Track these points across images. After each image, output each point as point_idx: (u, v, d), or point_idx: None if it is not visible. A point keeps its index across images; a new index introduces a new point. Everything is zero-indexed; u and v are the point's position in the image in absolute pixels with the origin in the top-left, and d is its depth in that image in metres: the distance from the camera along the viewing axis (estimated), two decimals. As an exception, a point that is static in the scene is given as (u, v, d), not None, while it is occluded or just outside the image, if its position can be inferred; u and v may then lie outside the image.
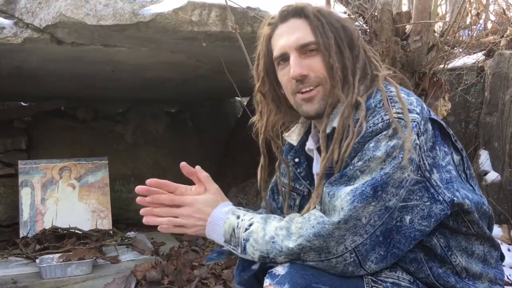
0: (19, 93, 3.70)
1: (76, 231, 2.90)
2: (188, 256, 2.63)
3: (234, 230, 1.07)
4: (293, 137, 1.28)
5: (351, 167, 0.99)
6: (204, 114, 4.45)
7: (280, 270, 0.98)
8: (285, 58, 1.13)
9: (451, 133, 1.12)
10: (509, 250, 2.53)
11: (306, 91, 1.10)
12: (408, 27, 2.39)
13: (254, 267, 1.08)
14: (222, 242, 1.09)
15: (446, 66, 2.72)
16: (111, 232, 3.06)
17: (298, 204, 1.25)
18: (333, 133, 1.06)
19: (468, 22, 3.82)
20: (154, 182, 1.14)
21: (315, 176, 1.21)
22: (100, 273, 2.33)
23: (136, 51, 2.48)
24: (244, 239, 1.04)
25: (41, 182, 3.13)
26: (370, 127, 0.99)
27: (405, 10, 3.23)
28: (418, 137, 0.99)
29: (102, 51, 2.43)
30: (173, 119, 4.28)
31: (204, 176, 1.17)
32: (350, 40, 1.12)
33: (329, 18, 1.12)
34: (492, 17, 4.21)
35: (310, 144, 1.22)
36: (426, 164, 1.02)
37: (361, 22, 2.40)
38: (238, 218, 1.08)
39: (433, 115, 1.09)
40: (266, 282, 0.99)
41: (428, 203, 1.01)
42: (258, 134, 1.26)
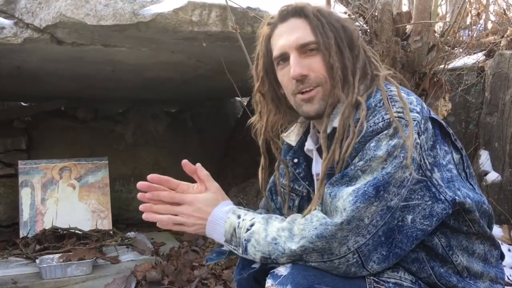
0: (19, 93, 3.70)
1: (76, 231, 2.90)
2: (188, 256, 2.63)
3: (235, 230, 1.06)
4: (291, 137, 1.27)
5: (352, 167, 0.99)
6: (204, 114, 4.45)
7: (282, 270, 0.98)
8: (284, 58, 1.12)
9: (451, 132, 1.12)
10: (509, 250, 2.53)
11: (306, 91, 1.10)
12: (408, 27, 2.39)
13: (255, 266, 1.08)
14: (223, 241, 1.09)
15: (447, 66, 2.72)
16: (111, 232, 3.06)
17: (297, 205, 1.25)
18: (333, 133, 1.06)
19: (468, 22, 3.83)
20: (155, 178, 1.13)
21: (315, 176, 1.20)
22: (100, 273, 2.33)
23: (136, 51, 2.48)
24: (245, 240, 1.03)
25: (41, 182, 3.12)
26: (370, 127, 0.99)
27: (405, 10, 3.24)
28: (419, 136, 0.99)
29: (102, 51, 2.43)
30: (173, 119, 4.28)
31: (204, 174, 1.16)
32: (350, 40, 1.11)
33: (329, 18, 1.11)
34: (492, 17, 4.21)
35: (309, 144, 1.21)
36: (427, 163, 1.02)
37: (361, 22, 2.40)
38: (239, 217, 1.07)
39: (432, 114, 1.08)
40: (268, 282, 0.98)
41: (429, 203, 1.01)
42: (258, 134, 1.25)
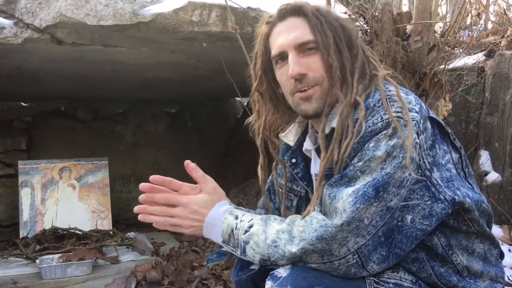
0: (19, 93, 3.69)
1: (76, 232, 2.90)
2: (188, 256, 2.63)
3: (233, 231, 1.05)
4: (290, 137, 1.26)
5: (351, 168, 0.98)
6: (204, 114, 4.44)
7: (282, 272, 0.97)
8: (283, 57, 1.11)
9: (450, 131, 1.11)
10: (509, 250, 2.53)
11: (304, 90, 1.09)
12: (408, 28, 2.39)
13: (254, 267, 1.07)
14: (220, 242, 1.08)
15: (447, 66, 2.72)
16: (111, 232, 3.06)
17: (295, 205, 1.24)
18: (332, 133, 1.05)
19: (468, 22, 3.83)
20: (158, 179, 1.12)
21: (313, 176, 1.20)
22: (100, 273, 2.33)
23: (136, 51, 2.48)
24: (244, 241, 1.03)
25: (41, 182, 3.12)
26: (369, 127, 0.98)
27: (405, 10, 3.24)
28: (418, 136, 0.99)
29: (102, 51, 2.43)
30: (173, 119, 4.28)
31: (199, 175, 1.14)
32: (349, 39, 1.11)
33: (327, 17, 1.11)
34: (492, 17, 4.21)
35: (307, 144, 1.21)
36: (426, 163, 1.01)
37: (361, 22, 2.40)
38: (236, 218, 1.06)
39: (431, 114, 1.08)
40: (268, 284, 0.98)
41: (429, 202, 1.00)
42: (255, 133, 1.24)
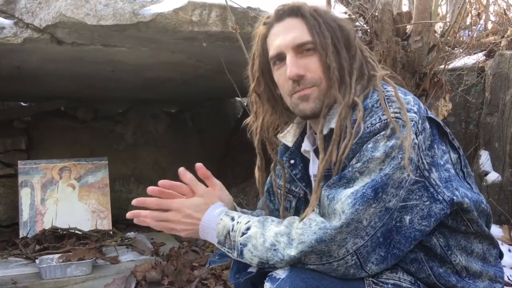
0: (19, 93, 3.69)
1: (76, 232, 2.89)
2: (188, 256, 2.63)
3: (229, 232, 1.04)
4: (288, 138, 1.25)
5: (350, 169, 0.98)
6: (204, 114, 4.44)
7: (280, 273, 0.97)
8: (281, 58, 1.11)
9: (448, 131, 1.11)
10: (509, 250, 2.53)
11: (301, 89, 1.08)
12: (408, 28, 2.39)
13: (251, 270, 1.07)
14: (216, 243, 1.07)
15: (447, 66, 2.72)
16: (111, 232, 3.06)
17: (294, 206, 1.24)
18: (330, 134, 1.05)
19: (468, 22, 3.83)
20: (167, 184, 1.12)
21: (312, 177, 1.19)
22: (100, 273, 2.33)
23: (136, 51, 2.48)
24: (241, 244, 1.02)
25: (41, 182, 3.12)
26: (367, 128, 0.98)
27: (405, 10, 3.24)
28: (417, 136, 0.98)
29: (102, 51, 2.43)
30: (173, 119, 4.28)
31: (188, 178, 1.13)
32: (347, 40, 1.10)
33: (325, 17, 1.10)
34: (492, 17, 4.21)
35: (306, 145, 1.20)
36: (425, 163, 1.01)
37: (361, 23, 2.40)
38: (232, 220, 1.06)
39: (430, 114, 1.08)
40: (267, 286, 0.98)
41: (427, 203, 1.00)
42: (253, 134, 1.23)
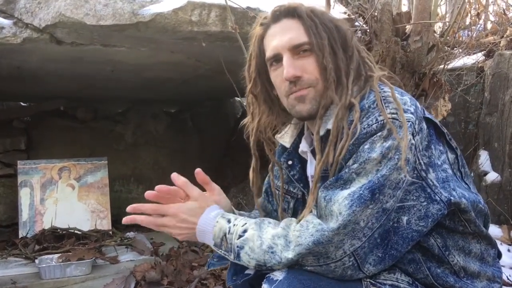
0: (19, 93, 3.69)
1: (75, 232, 2.90)
2: (187, 256, 2.63)
3: (225, 235, 1.04)
4: (285, 138, 1.25)
5: (347, 170, 0.98)
6: (204, 114, 4.45)
7: (278, 275, 0.97)
8: (278, 59, 1.10)
9: (445, 131, 1.11)
10: (509, 250, 2.53)
11: (297, 90, 1.08)
12: (408, 28, 2.39)
13: (249, 272, 1.07)
14: (212, 246, 1.07)
15: (446, 66, 2.72)
16: (111, 232, 3.06)
17: (292, 207, 1.24)
18: (327, 135, 1.04)
19: (468, 22, 3.83)
20: (164, 189, 1.11)
21: (309, 178, 1.19)
22: (99, 273, 2.33)
23: (135, 51, 2.48)
24: (238, 246, 1.01)
25: (40, 182, 3.12)
26: (364, 129, 0.98)
27: (405, 10, 3.24)
28: (413, 136, 0.98)
29: (102, 51, 2.43)
30: (173, 119, 4.28)
31: (181, 182, 1.13)
32: (344, 40, 1.10)
33: (322, 18, 1.10)
34: (491, 17, 4.21)
35: (303, 146, 1.20)
36: (422, 163, 1.01)
37: (361, 23, 2.40)
38: (229, 222, 1.05)
39: (427, 114, 1.07)
40: (264, 287, 0.98)
41: (425, 203, 1.00)
42: (249, 136, 1.23)
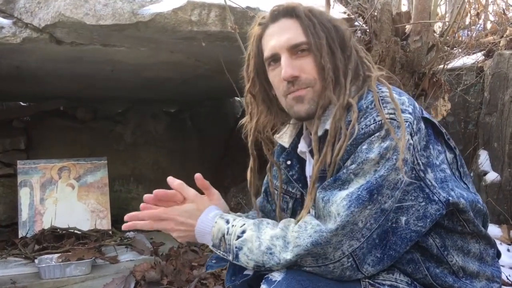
0: (19, 93, 3.69)
1: (75, 231, 2.90)
2: (187, 256, 2.63)
3: (224, 236, 1.04)
4: (284, 138, 1.25)
5: (345, 171, 0.98)
6: (203, 114, 4.44)
7: (276, 275, 0.97)
8: (276, 58, 1.10)
9: (444, 131, 1.11)
10: (508, 250, 2.53)
11: (295, 90, 1.08)
12: (407, 27, 2.39)
13: (248, 273, 1.07)
14: (211, 246, 1.07)
15: (446, 66, 2.72)
16: (110, 232, 3.06)
17: (291, 207, 1.23)
18: (325, 135, 1.04)
19: (467, 22, 3.83)
20: (162, 193, 1.12)
21: (308, 178, 1.19)
22: (99, 273, 2.33)
23: (135, 51, 2.48)
24: (236, 247, 1.02)
25: (40, 182, 3.12)
26: (362, 129, 0.98)
27: (404, 10, 3.24)
28: (412, 137, 0.98)
29: (101, 51, 2.43)
30: (172, 119, 4.28)
31: (177, 184, 1.13)
32: (342, 40, 1.10)
33: (320, 18, 1.10)
34: (491, 17, 4.21)
35: (302, 146, 1.20)
36: (420, 163, 1.01)
37: (360, 22, 2.40)
38: (227, 223, 1.06)
39: (425, 114, 1.07)
40: None
41: (423, 204, 1.00)
42: (247, 135, 1.23)
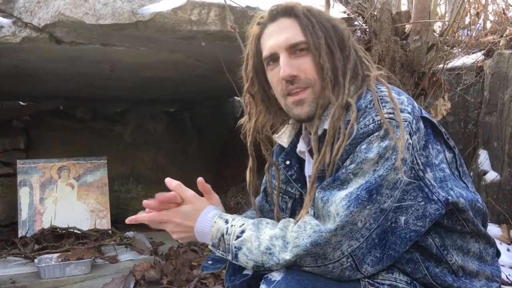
0: (18, 92, 3.69)
1: (74, 231, 2.90)
2: (187, 256, 2.63)
3: (223, 235, 1.04)
4: (283, 138, 1.24)
5: (344, 170, 0.98)
6: (203, 114, 4.44)
7: (276, 275, 0.97)
8: (274, 58, 1.10)
9: (443, 130, 1.11)
10: (508, 250, 2.53)
11: (295, 92, 1.08)
12: (407, 27, 2.39)
13: (247, 273, 1.07)
14: (210, 246, 1.07)
15: (446, 65, 2.72)
16: (110, 231, 3.06)
17: (290, 207, 1.23)
18: (324, 135, 1.04)
19: (467, 22, 3.83)
20: (161, 197, 1.12)
21: (307, 178, 1.18)
22: (99, 273, 2.33)
23: (135, 51, 2.48)
24: (235, 247, 1.01)
25: (39, 181, 3.12)
26: (361, 129, 0.97)
27: (404, 9, 3.24)
28: (411, 136, 0.98)
29: (101, 50, 2.43)
30: (172, 119, 4.27)
31: (175, 185, 1.13)
32: (341, 40, 1.10)
33: (319, 17, 1.10)
34: (491, 17, 4.21)
35: (301, 146, 1.20)
36: (420, 163, 1.01)
37: (360, 22, 2.40)
38: (226, 222, 1.05)
39: (424, 113, 1.07)
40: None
41: (422, 203, 1.00)
42: (246, 136, 1.22)
